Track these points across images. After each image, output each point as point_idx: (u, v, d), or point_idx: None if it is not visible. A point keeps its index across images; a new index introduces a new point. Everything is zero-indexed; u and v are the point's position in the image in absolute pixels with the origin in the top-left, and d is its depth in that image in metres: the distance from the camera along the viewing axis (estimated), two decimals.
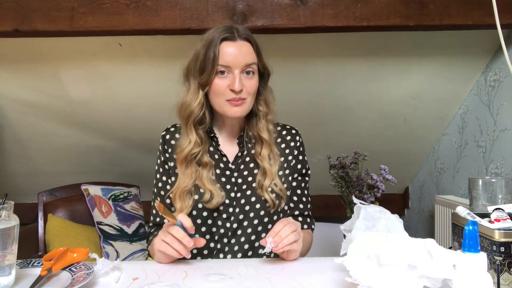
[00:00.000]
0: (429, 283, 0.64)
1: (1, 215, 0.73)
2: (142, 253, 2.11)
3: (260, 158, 1.10)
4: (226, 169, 1.11)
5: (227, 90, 1.02)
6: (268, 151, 1.10)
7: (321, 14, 1.51)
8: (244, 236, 1.08)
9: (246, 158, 1.13)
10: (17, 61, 1.82)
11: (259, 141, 1.12)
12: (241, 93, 1.02)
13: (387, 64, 1.89)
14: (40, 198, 2.12)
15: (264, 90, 1.12)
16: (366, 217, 0.80)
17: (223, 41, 1.02)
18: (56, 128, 2.15)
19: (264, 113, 1.11)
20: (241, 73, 1.03)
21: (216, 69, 1.01)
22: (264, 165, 1.09)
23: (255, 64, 1.05)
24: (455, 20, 1.52)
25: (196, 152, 1.07)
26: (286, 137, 1.18)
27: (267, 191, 1.08)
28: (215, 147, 1.13)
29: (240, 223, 1.08)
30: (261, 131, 1.10)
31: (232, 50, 1.02)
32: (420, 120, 2.19)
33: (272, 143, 1.12)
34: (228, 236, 1.08)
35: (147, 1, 1.49)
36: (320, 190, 2.27)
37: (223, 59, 1.01)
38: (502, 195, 0.95)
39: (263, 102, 1.12)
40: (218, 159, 1.12)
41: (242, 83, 1.02)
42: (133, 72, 1.87)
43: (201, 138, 1.09)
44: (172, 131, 1.16)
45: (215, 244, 1.08)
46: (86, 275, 0.77)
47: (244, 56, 1.02)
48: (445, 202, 1.95)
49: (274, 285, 0.78)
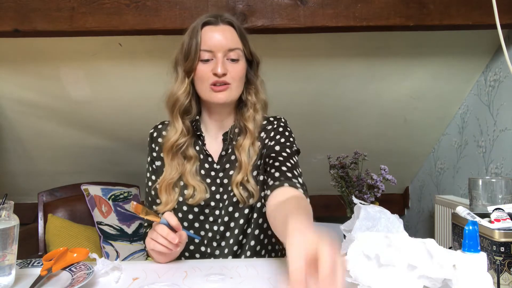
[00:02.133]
0: (429, 283, 0.64)
1: (1, 215, 0.73)
2: (142, 253, 2.11)
3: (239, 150, 1.06)
4: (211, 170, 1.09)
5: (210, 74, 1.00)
6: (249, 142, 1.07)
7: (321, 14, 1.52)
8: (233, 238, 1.06)
9: (231, 156, 1.09)
10: (17, 61, 1.82)
11: (244, 132, 1.08)
12: (225, 77, 1.00)
13: (387, 64, 1.89)
14: (40, 198, 2.12)
15: (255, 79, 1.10)
16: (366, 217, 0.80)
17: (205, 25, 1.01)
18: (56, 128, 2.15)
19: (253, 102, 1.09)
20: (225, 58, 1.01)
21: (199, 54, 1.00)
22: (241, 158, 1.05)
23: (240, 50, 1.03)
24: (455, 20, 1.53)
25: (182, 142, 1.06)
26: (267, 127, 1.12)
27: (237, 186, 1.04)
28: (200, 146, 1.10)
29: (227, 225, 1.06)
30: (247, 120, 1.07)
31: (214, 34, 1.00)
32: (420, 120, 2.19)
33: (255, 135, 1.08)
34: (217, 239, 1.07)
35: (147, 1, 1.49)
36: (320, 190, 2.27)
37: (206, 44, 1.00)
38: (502, 195, 0.95)
39: (253, 92, 1.09)
40: (203, 158, 1.09)
41: (225, 67, 1.00)
42: (133, 72, 1.87)
43: (187, 129, 1.07)
44: (159, 128, 1.14)
45: (206, 248, 1.07)
46: (86, 275, 0.77)
47: (227, 40, 1.00)
48: (445, 202, 1.95)
49: (274, 285, 0.78)
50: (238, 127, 1.10)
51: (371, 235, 0.72)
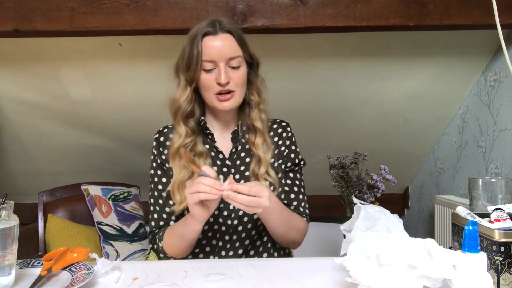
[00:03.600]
0: (429, 283, 0.64)
1: (1, 215, 0.73)
2: (142, 253, 2.11)
3: (255, 147, 1.10)
4: (223, 166, 1.12)
5: (214, 83, 1.03)
6: (262, 140, 1.11)
7: (321, 14, 1.51)
8: (245, 232, 1.10)
9: (241, 153, 1.13)
10: (17, 61, 1.82)
11: (253, 130, 1.12)
12: (228, 85, 1.03)
13: (387, 64, 1.89)
14: (40, 198, 2.12)
15: (255, 79, 1.12)
16: (366, 217, 0.80)
17: (205, 36, 1.03)
18: (56, 128, 2.15)
19: (256, 102, 1.12)
20: (227, 66, 1.03)
21: (200, 65, 1.02)
22: (259, 153, 1.09)
23: (240, 57, 1.05)
24: (455, 20, 1.53)
25: (188, 142, 1.07)
26: (277, 130, 1.18)
27: (262, 178, 1.08)
28: (210, 144, 1.13)
29: (241, 219, 1.09)
30: (254, 120, 1.11)
31: (214, 44, 1.02)
32: (420, 120, 2.19)
33: (265, 132, 1.12)
34: (229, 233, 1.09)
35: (147, 1, 1.49)
36: (320, 190, 2.27)
37: (207, 54, 1.02)
38: (502, 195, 0.95)
39: (255, 92, 1.12)
40: (214, 156, 1.12)
41: (228, 76, 1.02)
42: (133, 72, 1.87)
43: (192, 129, 1.09)
44: (165, 132, 1.16)
45: (217, 241, 1.10)
46: (86, 275, 0.77)
47: (227, 48, 1.03)
48: (445, 202, 1.95)
49: (274, 285, 0.78)
50: (246, 125, 1.13)
51: (371, 235, 0.72)
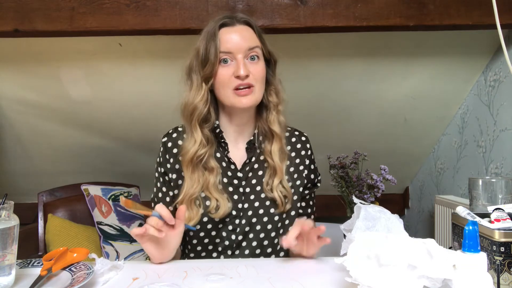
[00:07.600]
0: (429, 283, 0.64)
1: (1, 215, 0.73)
2: (142, 253, 2.11)
3: (271, 156, 1.03)
4: (234, 178, 1.04)
5: (232, 78, 0.96)
6: (279, 146, 1.03)
7: (321, 14, 1.51)
8: (249, 249, 1.03)
9: (254, 165, 1.05)
10: (17, 61, 1.82)
11: (270, 137, 1.04)
12: (247, 79, 0.96)
13: (387, 64, 1.89)
14: (40, 198, 2.12)
15: (273, 79, 1.06)
16: (366, 217, 0.80)
17: (222, 27, 0.98)
18: (56, 128, 2.15)
19: (275, 103, 1.04)
20: (245, 59, 0.97)
21: (219, 57, 0.96)
22: (274, 162, 1.02)
23: (259, 48, 0.99)
24: (455, 20, 1.53)
25: (202, 153, 1.00)
26: (296, 145, 1.10)
27: (277, 190, 1.01)
28: (222, 152, 1.05)
29: (246, 235, 1.03)
30: (272, 123, 1.03)
31: (233, 35, 0.97)
32: (420, 120, 2.19)
33: (283, 137, 1.05)
34: (232, 248, 1.03)
35: (147, 1, 1.49)
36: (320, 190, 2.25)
37: (225, 46, 0.96)
38: (502, 195, 0.95)
39: (274, 92, 1.05)
40: (226, 166, 1.04)
41: (247, 68, 0.96)
42: (133, 72, 1.87)
43: (207, 138, 1.01)
44: (174, 137, 1.07)
45: (218, 255, 1.04)
46: (86, 275, 0.77)
47: (245, 40, 0.97)
48: (445, 202, 1.95)
49: (274, 285, 0.78)
50: (262, 134, 1.06)
51: (371, 235, 0.72)
